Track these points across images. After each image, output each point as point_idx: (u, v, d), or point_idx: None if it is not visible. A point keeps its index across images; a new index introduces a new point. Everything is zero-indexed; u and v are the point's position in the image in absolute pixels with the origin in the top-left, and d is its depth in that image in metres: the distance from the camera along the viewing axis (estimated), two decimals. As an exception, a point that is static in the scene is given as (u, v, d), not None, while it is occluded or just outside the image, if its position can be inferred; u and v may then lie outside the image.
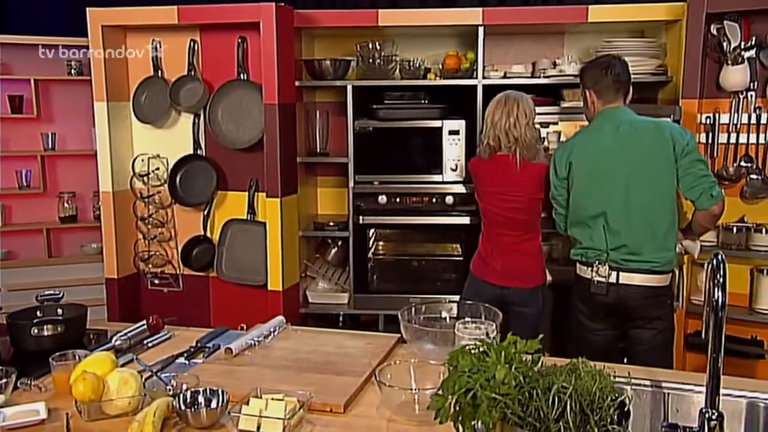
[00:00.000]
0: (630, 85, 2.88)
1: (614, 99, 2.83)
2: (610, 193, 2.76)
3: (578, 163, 2.82)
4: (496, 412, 1.36)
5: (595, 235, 2.79)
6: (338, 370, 2.01)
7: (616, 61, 2.87)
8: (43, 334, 2.17)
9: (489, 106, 3.05)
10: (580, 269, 2.87)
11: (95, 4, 3.57)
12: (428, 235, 3.83)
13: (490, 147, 3.02)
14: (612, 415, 1.37)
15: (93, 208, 4.79)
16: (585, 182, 2.82)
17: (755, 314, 3.28)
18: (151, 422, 1.60)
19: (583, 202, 2.82)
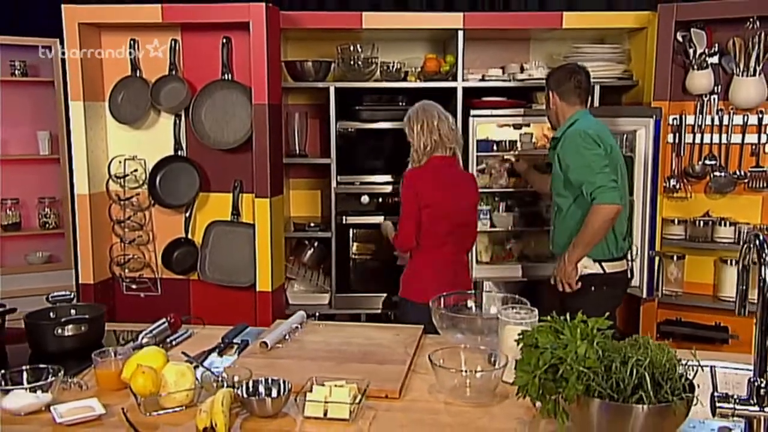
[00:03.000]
0: (590, 91, 3.13)
1: (576, 102, 3.06)
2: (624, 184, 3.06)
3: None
4: (581, 384, 1.44)
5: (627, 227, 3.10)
6: (378, 359, 2.05)
7: (579, 68, 3.11)
8: (65, 334, 2.11)
9: (416, 115, 3.14)
10: (614, 265, 3.03)
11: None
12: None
13: (426, 152, 3.11)
14: (684, 383, 1.48)
15: (39, 215, 4.62)
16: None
17: (719, 302, 3.51)
18: (221, 411, 1.60)
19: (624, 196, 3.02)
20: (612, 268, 3.02)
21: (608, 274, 3.01)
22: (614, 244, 3.01)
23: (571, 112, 3.06)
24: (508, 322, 1.91)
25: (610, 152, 2.93)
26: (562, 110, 3.08)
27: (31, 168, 4.61)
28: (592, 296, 2.97)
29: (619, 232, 3.02)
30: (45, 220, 4.61)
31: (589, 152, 2.87)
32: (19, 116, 4.50)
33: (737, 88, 3.37)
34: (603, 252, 2.99)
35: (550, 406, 1.49)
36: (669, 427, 1.47)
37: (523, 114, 3.71)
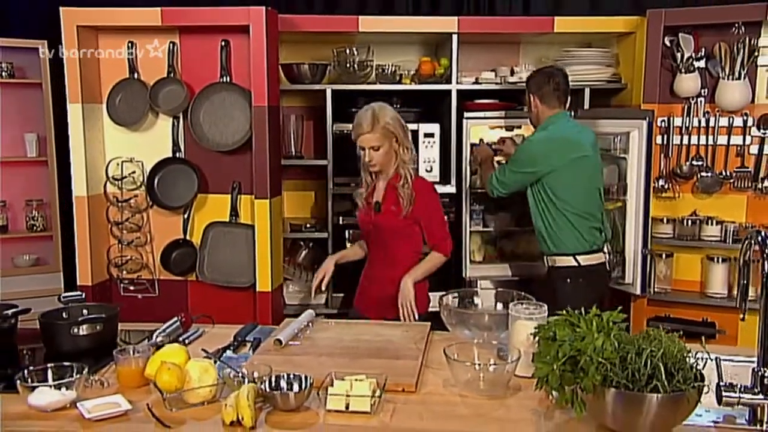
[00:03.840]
0: (569, 93, 3.23)
1: (557, 104, 3.17)
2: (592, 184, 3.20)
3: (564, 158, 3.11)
4: (599, 375, 1.51)
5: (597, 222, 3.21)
6: (391, 355, 2.11)
7: (558, 71, 3.23)
8: (80, 333, 2.13)
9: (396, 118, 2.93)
10: (594, 257, 3.17)
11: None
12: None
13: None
14: (695, 373, 1.56)
15: (26, 217, 4.61)
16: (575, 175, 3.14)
17: (706, 298, 3.61)
18: (247, 405, 1.65)
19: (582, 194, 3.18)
20: (587, 260, 3.15)
21: (583, 266, 3.14)
22: (581, 239, 3.15)
23: (550, 114, 3.18)
24: (518, 317, 1.98)
25: (561, 159, 3.08)
26: (543, 113, 3.20)
27: (19, 170, 4.60)
28: (569, 288, 3.12)
29: (591, 226, 3.16)
30: (32, 223, 4.60)
31: (523, 153, 3.18)
32: (6, 118, 4.49)
33: (723, 91, 3.48)
34: (574, 246, 3.14)
35: (568, 396, 1.56)
36: (681, 415, 1.55)
37: (516, 116, 3.78)
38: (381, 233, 2.92)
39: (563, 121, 3.18)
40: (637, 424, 1.53)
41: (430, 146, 3.77)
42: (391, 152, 2.84)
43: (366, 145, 2.83)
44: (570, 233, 3.13)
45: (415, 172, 2.92)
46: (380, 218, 2.90)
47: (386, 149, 2.82)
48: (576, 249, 3.14)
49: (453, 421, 1.70)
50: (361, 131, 2.82)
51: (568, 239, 3.14)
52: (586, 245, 3.15)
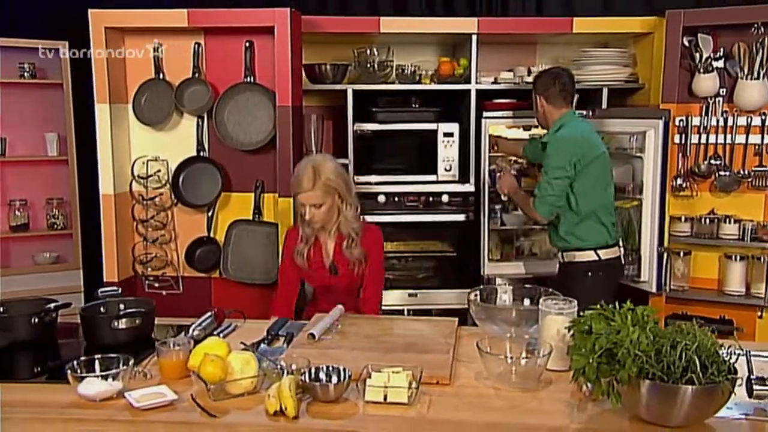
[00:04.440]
0: (575, 93, 3.29)
1: (562, 105, 3.23)
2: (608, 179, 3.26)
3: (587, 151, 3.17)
4: (635, 367, 1.55)
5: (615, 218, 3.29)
6: (422, 349, 2.15)
7: (563, 72, 3.28)
8: (120, 327, 2.19)
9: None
10: (607, 252, 3.22)
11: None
12: (423, 232, 4.00)
13: None
14: (729, 365, 1.60)
15: (47, 216, 4.67)
16: (596, 169, 3.18)
17: (724, 296, 3.65)
18: (289, 396, 1.70)
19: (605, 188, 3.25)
20: (607, 254, 3.22)
21: (603, 260, 3.22)
22: (606, 232, 3.22)
23: (558, 115, 3.24)
24: (549, 312, 2.02)
25: (586, 158, 3.12)
26: (550, 113, 3.26)
27: (40, 169, 4.67)
28: (589, 282, 3.17)
29: (609, 222, 3.23)
30: (53, 221, 4.66)
31: (556, 159, 3.13)
32: (27, 118, 4.55)
33: (741, 91, 3.52)
34: (597, 240, 3.21)
35: (604, 388, 1.61)
36: (715, 407, 1.59)
37: (533, 116, 3.81)
38: (338, 292, 2.81)
39: (576, 120, 3.25)
40: (671, 415, 1.58)
41: (449, 145, 3.82)
42: (333, 209, 2.71)
43: (306, 202, 2.67)
44: (593, 228, 3.19)
45: (362, 220, 2.85)
46: (336, 280, 2.80)
47: (328, 206, 2.69)
48: (598, 243, 3.21)
49: (488, 413, 1.75)
50: (300, 189, 2.67)
51: (591, 234, 3.20)
52: (608, 239, 3.22)
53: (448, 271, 3.98)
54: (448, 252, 4.02)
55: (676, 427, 1.61)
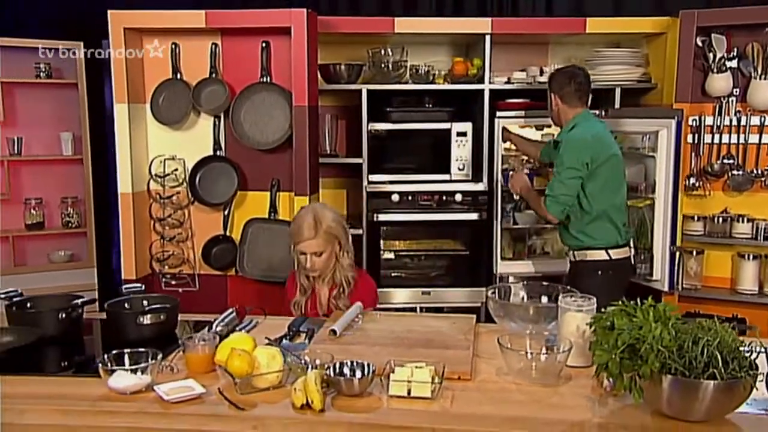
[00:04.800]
0: (590, 92, 3.29)
1: (577, 104, 3.24)
2: (621, 179, 3.27)
3: (599, 151, 3.18)
4: (658, 362, 1.58)
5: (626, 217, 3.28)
6: (442, 345, 2.19)
7: (579, 71, 3.29)
8: (145, 322, 2.23)
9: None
10: (618, 252, 3.24)
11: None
12: (437, 230, 4.03)
13: None
14: (750, 361, 1.63)
15: (62, 215, 4.72)
16: (609, 170, 3.20)
17: (737, 294, 3.67)
18: (316, 390, 1.73)
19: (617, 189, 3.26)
20: (617, 254, 3.24)
21: (614, 260, 3.23)
22: (617, 233, 3.24)
23: (572, 114, 3.25)
24: (568, 309, 2.05)
25: (597, 159, 3.14)
26: (564, 112, 3.27)
27: (55, 168, 4.72)
28: (599, 281, 3.17)
29: (620, 222, 3.25)
30: (68, 220, 4.71)
31: (568, 159, 3.14)
32: (43, 118, 4.60)
33: (755, 91, 3.54)
34: (608, 240, 3.22)
35: (627, 383, 1.63)
36: (736, 402, 1.62)
37: (546, 116, 3.84)
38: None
39: (591, 119, 3.27)
40: (692, 410, 1.61)
41: (463, 145, 3.86)
42: (332, 257, 2.72)
43: (308, 251, 2.67)
44: (604, 228, 3.21)
45: (356, 268, 2.85)
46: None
47: (328, 254, 2.70)
48: (609, 243, 3.23)
49: (511, 407, 1.78)
50: (301, 237, 2.67)
51: (603, 234, 3.22)
52: (619, 239, 3.24)
53: (460, 270, 4.01)
54: (460, 250, 4.05)
55: (697, 422, 1.63)
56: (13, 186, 4.48)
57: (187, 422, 1.71)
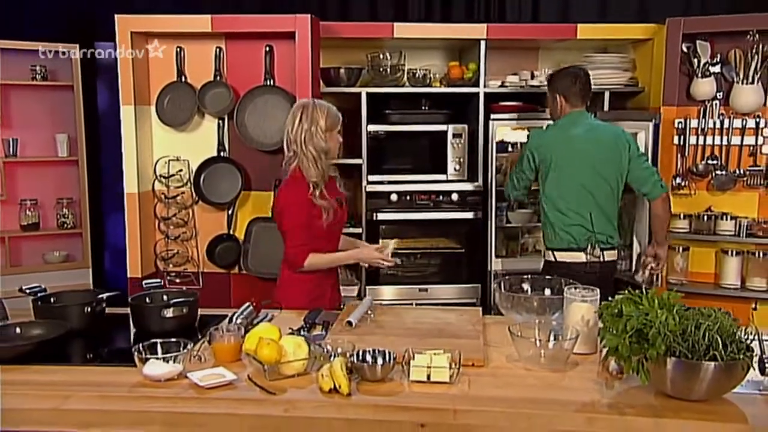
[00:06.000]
0: (591, 93, 3.39)
1: (580, 104, 3.34)
2: (585, 183, 3.24)
3: (558, 154, 3.25)
4: (664, 345, 1.71)
5: (583, 222, 3.24)
6: (454, 335, 2.31)
7: (581, 71, 3.39)
8: (168, 315, 2.32)
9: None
10: (569, 255, 3.26)
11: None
12: (433, 229, 4.15)
13: None
14: (747, 344, 1.77)
15: (57, 215, 4.77)
16: (564, 173, 3.24)
17: (720, 289, 3.83)
18: (342, 375, 1.84)
19: (567, 192, 3.26)
20: (562, 257, 3.27)
21: (558, 262, 3.28)
22: (554, 234, 3.29)
23: (568, 112, 3.32)
24: (574, 299, 2.18)
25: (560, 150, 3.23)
26: (565, 110, 3.33)
27: (50, 170, 4.78)
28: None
29: (558, 225, 3.26)
30: (63, 220, 4.76)
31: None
32: (38, 119, 4.66)
33: (737, 95, 3.71)
34: (552, 241, 3.32)
35: (635, 365, 1.76)
36: (734, 382, 1.76)
37: (538, 118, 3.99)
38: (340, 227, 2.96)
39: (579, 118, 3.30)
40: (694, 389, 1.74)
41: (458, 146, 3.99)
42: None
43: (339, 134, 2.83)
44: (578, 229, 3.24)
45: None
46: (342, 213, 2.90)
47: None
48: (552, 245, 3.30)
49: (526, 389, 1.90)
50: (340, 121, 2.83)
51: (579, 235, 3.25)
52: (562, 242, 3.26)
53: (456, 267, 4.14)
54: (456, 248, 4.18)
55: (697, 401, 1.77)
56: (8, 187, 4.54)
57: (222, 406, 1.81)
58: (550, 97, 3.40)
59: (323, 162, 2.74)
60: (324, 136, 2.72)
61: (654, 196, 3.32)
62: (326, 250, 2.82)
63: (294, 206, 2.75)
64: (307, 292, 2.80)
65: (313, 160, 2.72)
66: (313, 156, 2.71)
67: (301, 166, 2.74)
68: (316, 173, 2.73)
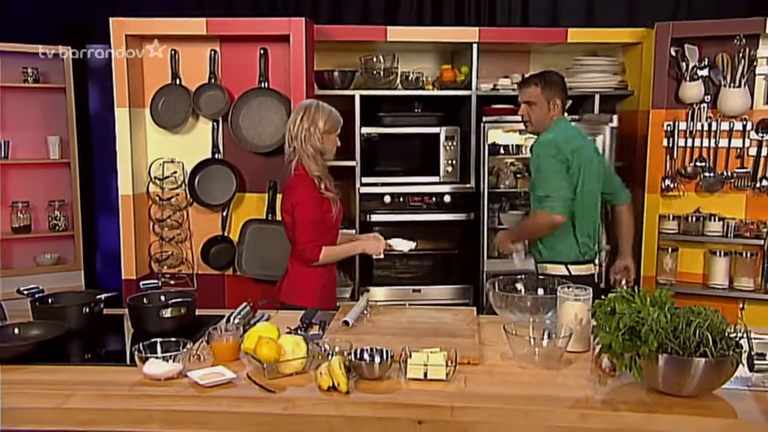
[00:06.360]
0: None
1: (563, 109, 3.18)
2: (596, 192, 3.16)
3: (586, 161, 3.07)
4: (656, 342, 1.75)
5: (593, 233, 3.17)
6: (449, 334, 2.34)
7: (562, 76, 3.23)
8: (166, 316, 2.34)
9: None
10: (579, 268, 3.10)
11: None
12: (426, 230, 4.18)
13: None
14: (736, 341, 1.81)
15: (48, 218, 4.77)
16: (587, 180, 3.06)
17: (708, 289, 3.90)
18: (340, 373, 1.87)
19: (588, 202, 3.11)
20: (577, 270, 3.08)
21: (573, 276, 3.00)
22: (576, 247, 3.10)
23: (556, 117, 3.13)
24: (567, 298, 2.22)
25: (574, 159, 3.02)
26: (554, 116, 3.11)
27: (42, 172, 4.77)
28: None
29: (582, 235, 3.10)
30: (55, 223, 4.76)
31: (546, 159, 3.01)
32: (30, 121, 4.65)
33: (725, 98, 3.77)
34: (567, 255, 3.10)
35: (627, 362, 1.81)
36: (724, 377, 1.80)
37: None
38: (338, 224, 3.02)
39: (568, 124, 3.20)
40: (685, 385, 1.78)
41: (451, 148, 4.03)
42: None
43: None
44: (565, 240, 3.09)
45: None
46: (341, 211, 3.03)
47: None
48: (568, 258, 3.09)
49: (521, 387, 1.94)
50: (340, 122, 2.96)
51: (565, 247, 3.10)
52: (579, 255, 3.11)
53: (449, 268, 4.18)
54: (449, 249, 4.22)
55: (688, 397, 1.81)
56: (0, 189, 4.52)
57: (223, 404, 1.84)
58: (542, 102, 3.10)
59: (321, 160, 2.89)
60: (321, 137, 2.85)
61: (622, 201, 3.32)
62: (332, 245, 2.95)
63: (306, 201, 2.85)
64: (321, 286, 2.94)
65: (312, 158, 2.85)
66: (311, 154, 2.84)
67: (303, 163, 2.85)
68: (317, 168, 2.87)
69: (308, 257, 2.87)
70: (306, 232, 2.84)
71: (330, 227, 2.92)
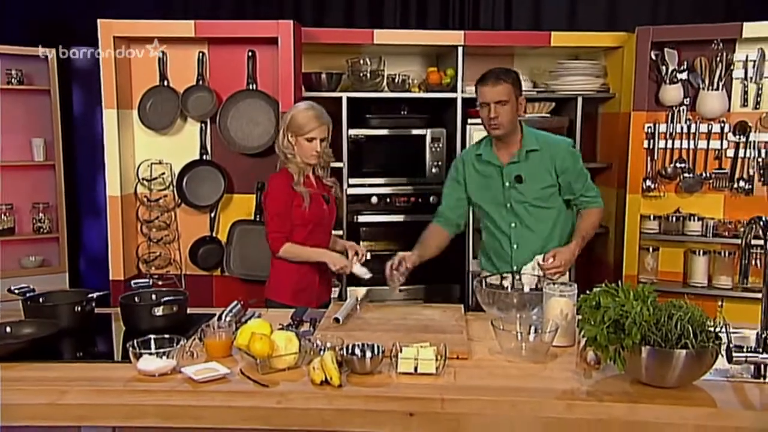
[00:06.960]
0: None
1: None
2: None
3: None
4: (639, 335, 1.81)
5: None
6: (438, 330, 2.39)
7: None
8: (158, 314, 2.36)
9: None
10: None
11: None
12: (413, 230, 4.21)
13: None
14: (716, 333, 1.88)
15: (33, 220, 4.77)
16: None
17: (689, 287, 3.97)
18: (333, 368, 1.91)
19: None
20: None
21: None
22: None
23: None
24: (553, 294, 2.28)
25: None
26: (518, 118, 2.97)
27: (26, 174, 4.78)
28: None
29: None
30: (39, 225, 4.77)
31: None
32: (14, 123, 4.65)
33: (703, 101, 3.86)
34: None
35: (612, 354, 1.86)
36: (704, 368, 1.87)
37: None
38: (327, 226, 3.08)
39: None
40: (667, 376, 1.85)
41: (437, 150, 4.09)
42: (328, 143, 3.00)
43: (319, 136, 2.89)
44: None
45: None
46: (329, 210, 3.05)
47: (327, 141, 2.98)
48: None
49: (509, 380, 1.99)
50: (319, 122, 2.88)
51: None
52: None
53: (434, 268, 4.18)
54: (435, 250, 4.25)
55: (670, 388, 1.88)
56: (-19, 192, 4.53)
57: (217, 399, 1.87)
58: (513, 101, 2.91)
59: (301, 162, 2.92)
60: (287, 136, 2.91)
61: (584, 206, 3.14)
62: (310, 244, 2.96)
63: (275, 193, 2.94)
64: (293, 283, 2.98)
65: (288, 160, 2.94)
66: (284, 153, 2.94)
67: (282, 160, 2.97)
68: (293, 168, 2.93)
69: (271, 247, 2.97)
70: (272, 223, 2.93)
71: (301, 223, 2.93)
